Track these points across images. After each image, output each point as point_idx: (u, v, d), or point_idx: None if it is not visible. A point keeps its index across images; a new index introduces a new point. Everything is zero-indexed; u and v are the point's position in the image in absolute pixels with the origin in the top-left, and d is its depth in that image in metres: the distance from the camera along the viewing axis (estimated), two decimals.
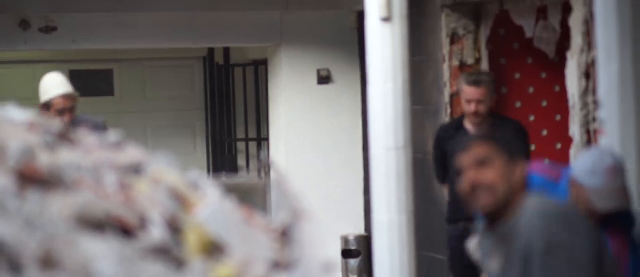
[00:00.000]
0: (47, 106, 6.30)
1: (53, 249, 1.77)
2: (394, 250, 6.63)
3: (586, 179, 4.14)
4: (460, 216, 6.42)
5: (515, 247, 3.25)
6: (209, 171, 10.20)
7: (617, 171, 4.19)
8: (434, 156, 6.96)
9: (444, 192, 7.10)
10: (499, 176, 3.29)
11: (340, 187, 9.05)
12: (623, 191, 4.20)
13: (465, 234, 6.28)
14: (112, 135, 2.51)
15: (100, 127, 6.27)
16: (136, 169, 2.36)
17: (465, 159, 3.33)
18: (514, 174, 3.31)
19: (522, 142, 6.20)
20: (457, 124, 6.74)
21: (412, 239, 6.69)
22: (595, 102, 5.99)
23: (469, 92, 6.56)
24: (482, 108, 6.54)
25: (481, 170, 3.30)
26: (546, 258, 3.17)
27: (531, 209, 3.27)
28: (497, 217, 3.32)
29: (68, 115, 6.26)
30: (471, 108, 6.56)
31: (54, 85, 6.38)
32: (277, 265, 2.12)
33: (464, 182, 3.33)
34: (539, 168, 4.38)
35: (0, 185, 1.94)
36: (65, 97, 6.32)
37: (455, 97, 7.40)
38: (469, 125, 6.62)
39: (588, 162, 4.20)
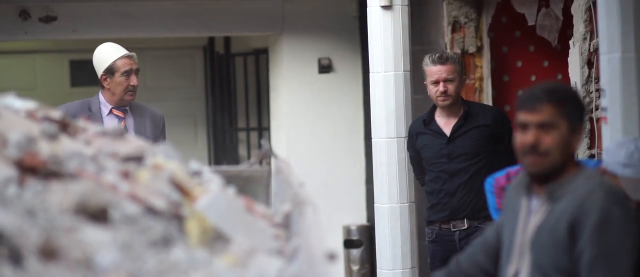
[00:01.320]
0: (110, 72, 6.00)
1: (54, 238, 1.76)
2: (395, 239, 6.63)
3: (620, 169, 4.11)
4: (435, 217, 6.09)
5: (562, 208, 3.32)
6: (209, 160, 10.19)
7: None
8: (410, 156, 6.34)
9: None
10: (557, 143, 3.35)
11: (342, 177, 9.04)
12: None
13: (439, 236, 6.08)
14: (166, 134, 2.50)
15: (158, 118, 6.06)
16: (137, 159, 2.35)
17: (532, 117, 3.36)
18: (571, 143, 3.38)
19: (505, 127, 6.05)
20: (427, 118, 6.13)
21: (414, 229, 6.68)
22: (598, 90, 5.97)
23: (435, 70, 5.99)
24: (451, 87, 5.96)
25: (543, 133, 3.35)
26: (598, 230, 3.23)
27: (591, 180, 3.35)
28: (545, 179, 3.39)
29: (134, 78, 5.99)
30: (439, 88, 5.95)
31: (112, 49, 6.09)
32: (278, 254, 2.11)
33: (523, 138, 3.37)
34: None
35: (0, 175, 1.92)
36: (128, 56, 6.04)
37: None
38: (439, 117, 6.10)
39: (623, 151, 4.16)
